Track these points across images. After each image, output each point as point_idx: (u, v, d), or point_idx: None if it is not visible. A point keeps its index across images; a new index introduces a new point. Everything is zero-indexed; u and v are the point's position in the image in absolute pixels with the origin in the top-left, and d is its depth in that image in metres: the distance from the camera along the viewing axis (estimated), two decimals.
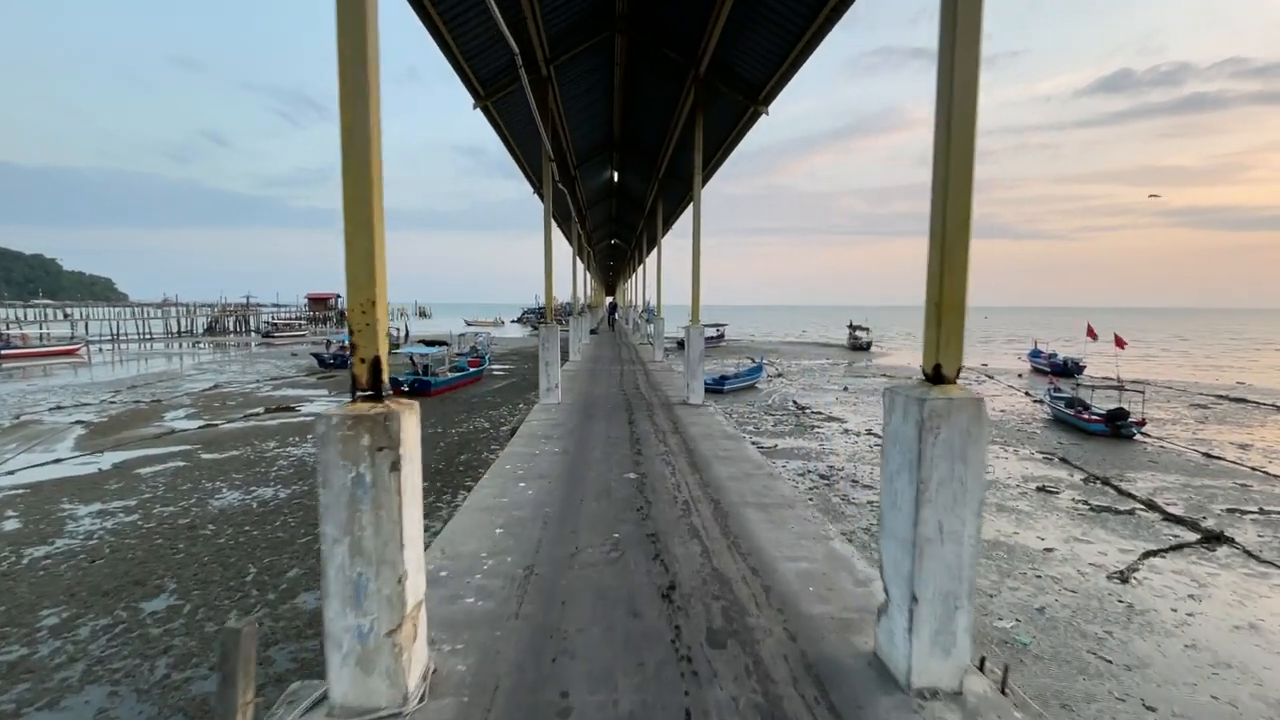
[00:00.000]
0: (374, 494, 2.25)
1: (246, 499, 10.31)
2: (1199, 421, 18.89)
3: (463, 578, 3.94)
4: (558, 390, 8.66)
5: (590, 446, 6.94)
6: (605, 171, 15.55)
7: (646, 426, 7.78)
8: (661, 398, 9.86)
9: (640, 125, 10.86)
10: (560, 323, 43.53)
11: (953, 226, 2.50)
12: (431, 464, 12.64)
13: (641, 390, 10.72)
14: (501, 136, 8.54)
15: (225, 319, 63.23)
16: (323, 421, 2.29)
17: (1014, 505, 10.64)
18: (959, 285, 2.50)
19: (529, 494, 5.52)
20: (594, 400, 9.62)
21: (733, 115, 8.04)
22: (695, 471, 6.27)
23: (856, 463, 13.44)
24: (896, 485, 2.80)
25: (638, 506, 5.39)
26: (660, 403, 9.31)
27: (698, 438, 7.17)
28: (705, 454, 6.72)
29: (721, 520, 5.03)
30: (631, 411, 8.70)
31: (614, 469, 6.29)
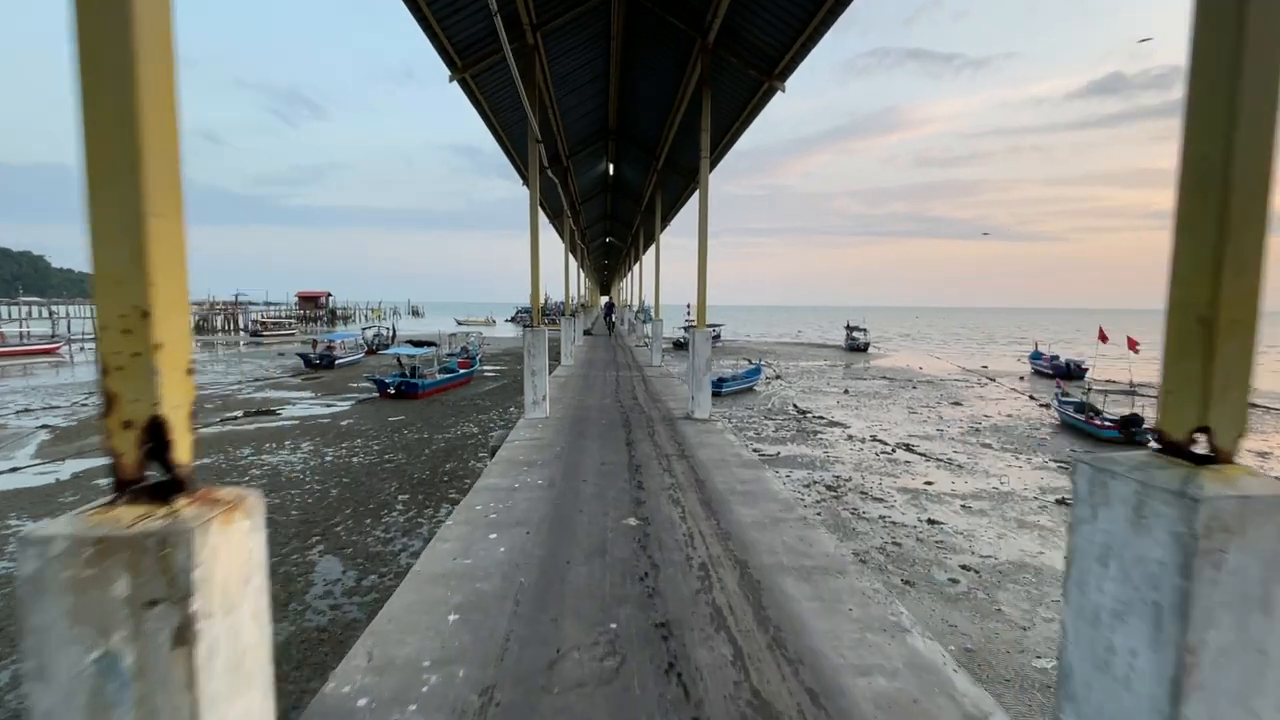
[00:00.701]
0: (138, 692, 1.12)
1: None
2: None
3: (388, 715, 2.56)
4: (545, 403, 7.63)
5: (581, 477, 5.67)
6: (600, 164, 14.76)
7: (647, 449, 6.57)
8: (662, 411, 8.78)
9: (639, 110, 10.07)
10: (552, 321, 42.73)
11: (1245, 181, 1.38)
12: (414, 474, 11.90)
13: (640, 401, 9.59)
14: (484, 116, 7.66)
15: (213, 317, 62.08)
16: (34, 550, 1.14)
17: (1034, 520, 9.99)
18: (1250, 288, 1.41)
19: (500, 552, 4.04)
20: (587, 414, 8.46)
21: (744, 92, 7.22)
22: (710, 515, 4.94)
23: (864, 472, 12.77)
24: (1117, 638, 1.51)
25: (641, 574, 3.94)
26: (661, 417, 8.19)
27: (709, 465, 5.97)
28: (720, 488, 5.47)
29: (754, 596, 3.62)
30: (629, 428, 7.58)
31: (610, 511, 4.97)
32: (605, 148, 12.89)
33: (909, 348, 50.97)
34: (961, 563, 8.25)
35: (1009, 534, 9.36)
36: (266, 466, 12.20)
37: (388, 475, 11.76)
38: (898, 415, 19.69)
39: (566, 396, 9.64)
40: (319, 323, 73.23)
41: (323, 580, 7.40)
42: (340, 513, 9.71)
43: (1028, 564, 8.26)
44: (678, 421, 7.87)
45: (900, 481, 12.17)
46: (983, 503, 10.90)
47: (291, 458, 12.94)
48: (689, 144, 10.23)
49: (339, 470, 12.05)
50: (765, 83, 6.53)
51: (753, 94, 7.03)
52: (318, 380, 25.13)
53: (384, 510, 9.86)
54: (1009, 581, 7.69)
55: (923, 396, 24.01)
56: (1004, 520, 9.99)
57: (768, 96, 6.80)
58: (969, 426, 18.02)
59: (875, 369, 34.09)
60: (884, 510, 10.43)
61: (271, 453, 13.35)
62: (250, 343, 47.36)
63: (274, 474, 11.69)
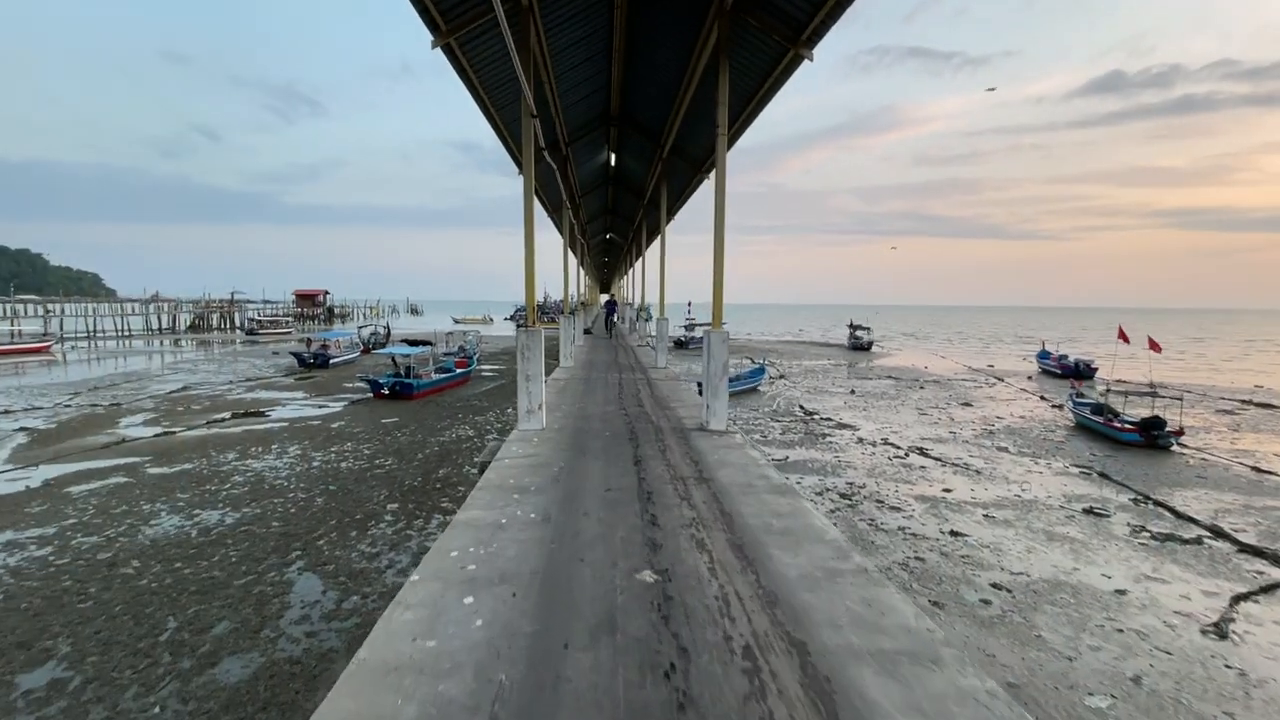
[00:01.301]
0: None
1: (186, 525, 8.92)
2: (1232, 430, 17.75)
3: None
4: (541, 412, 6.61)
5: (582, 508, 4.44)
6: (601, 153, 14.04)
7: (659, 469, 5.46)
8: (672, 420, 7.64)
9: (646, 87, 9.23)
10: (551, 319, 42.07)
11: None
12: (405, 480, 11.29)
13: (646, 408, 8.49)
14: (473, 92, 6.83)
15: (209, 315, 61.38)
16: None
17: (1064, 532, 9.39)
18: None
19: (475, 628, 2.87)
20: (588, 424, 7.32)
21: (765, 61, 6.36)
22: (746, 565, 3.60)
23: (878, 478, 12.17)
24: None
25: (665, 666, 2.65)
26: (672, 428, 7.14)
27: (733, 491, 4.85)
28: (752, 523, 4.21)
29: (825, 707, 2.40)
30: (637, 442, 6.44)
31: (619, 560, 3.65)
32: (606, 135, 12.14)
33: (913, 347, 50.35)
34: (992, 580, 7.65)
35: (1038, 547, 8.76)
36: (250, 473, 11.58)
37: (377, 482, 11.15)
38: (908, 417, 19.09)
39: (565, 403, 8.62)
40: (317, 321, 72.61)
41: (300, 602, 6.79)
42: (324, 524, 9.10)
43: (1063, 582, 7.66)
44: (691, 434, 6.83)
45: (917, 489, 11.57)
46: (1006, 512, 10.29)
47: (277, 463, 12.33)
48: (698, 128, 9.50)
49: (326, 476, 11.45)
50: (790, 51, 5.72)
51: (775, 64, 6.17)
52: (311, 380, 24.51)
53: (371, 521, 9.26)
54: (1045, 603, 7.09)
55: (931, 397, 23.40)
56: (1031, 532, 9.38)
57: (792, 67, 6.01)
58: (982, 429, 17.41)
59: (880, 368, 33.48)
60: (903, 520, 9.83)
61: (257, 457, 12.74)
62: (246, 341, 46.68)
63: (257, 481, 11.08)
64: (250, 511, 9.52)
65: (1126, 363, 38.78)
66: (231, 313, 63.72)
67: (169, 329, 55.10)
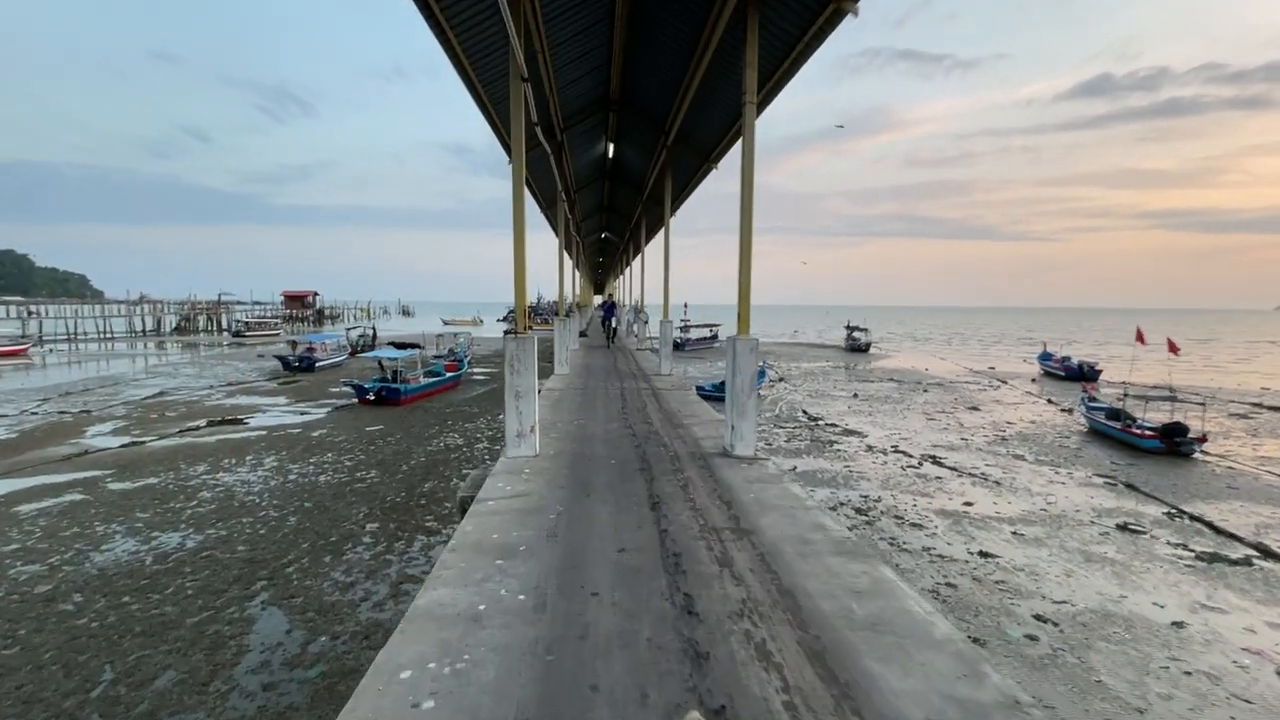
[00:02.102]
0: None
1: (142, 550, 8.07)
2: (1251, 435, 17.15)
3: None
4: (534, 436, 5.49)
5: (588, 584, 3.22)
6: (598, 144, 13.18)
7: (683, 515, 4.20)
8: (689, 442, 6.41)
9: (649, 67, 8.29)
10: (544, 321, 41.21)
11: None
12: (387, 496, 10.47)
13: (655, 426, 7.25)
14: (449, 52, 5.97)
15: (196, 317, 60.15)
16: None
17: (1101, 552, 8.68)
18: None
19: None
20: (589, 448, 6.07)
21: (800, 18, 5.56)
22: (841, 697, 2.36)
23: (893, 490, 11.44)
24: None
25: None
26: (690, 453, 5.93)
27: (786, 551, 3.59)
28: (826, 612, 2.97)
29: None
30: (651, 475, 5.20)
31: (648, 688, 2.41)
32: (605, 121, 11.26)
33: (911, 348, 49.82)
34: (1034, 611, 6.91)
35: (1077, 570, 8.04)
36: (220, 488, 10.72)
37: (357, 498, 10.32)
38: (915, 422, 18.40)
39: (562, 420, 7.51)
40: (306, 323, 71.45)
41: (260, 645, 5.97)
42: (296, 547, 8.28)
43: (1112, 612, 6.93)
44: (713, 461, 5.64)
45: (936, 502, 10.85)
46: (1035, 528, 9.58)
47: (251, 476, 11.47)
48: (708, 112, 8.64)
49: (302, 492, 10.61)
50: (831, 4, 4.97)
51: (814, 18, 5.34)
52: (295, 384, 23.59)
53: (348, 544, 8.44)
54: (1098, 638, 6.36)
55: (936, 400, 22.75)
56: (1065, 552, 8.67)
57: (833, 22, 5.18)
58: (994, 435, 16.74)
59: (880, 370, 32.85)
60: (926, 539, 9.09)
61: (229, 470, 11.87)
62: (233, 343, 45.56)
63: (226, 498, 10.22)
64: (215, 534, 8.67)
65: (1130, 365, 38.38)
66: (218, 314, 62.56)
67: (153, 331, 53.84)
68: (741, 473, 5.29)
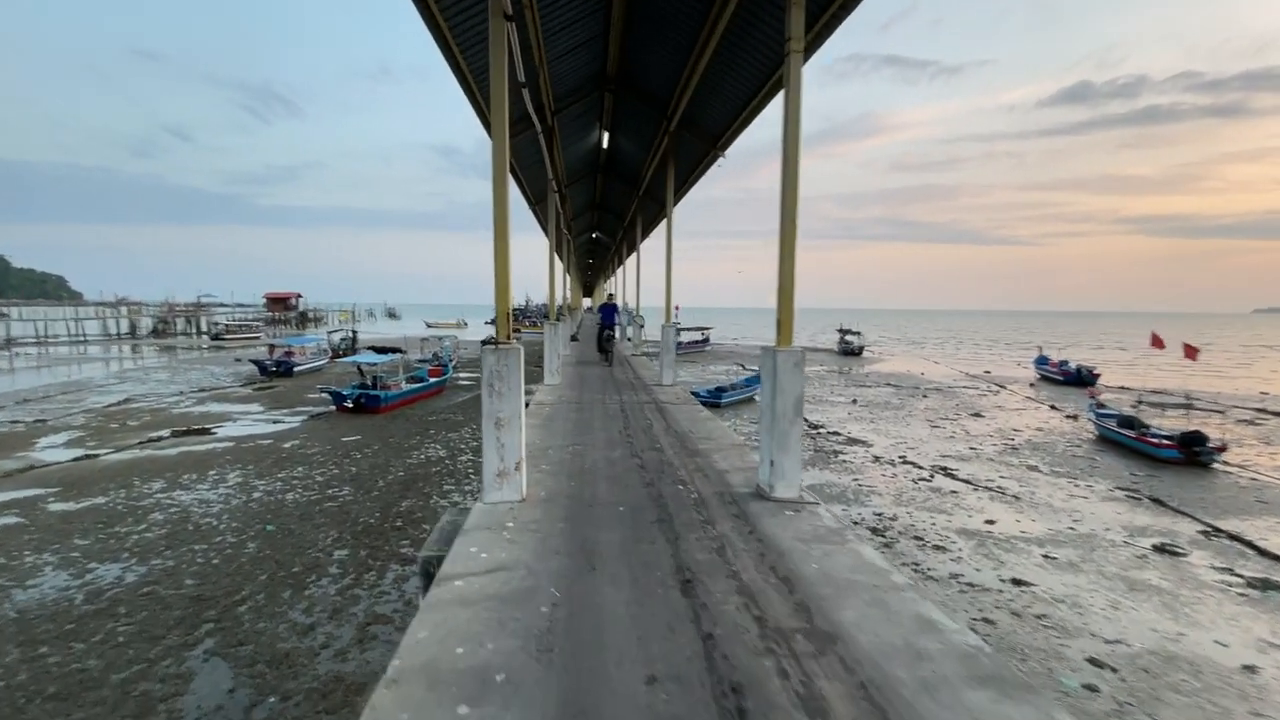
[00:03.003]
0: None
1: (73, 587, 7.09)
2: (1265, 443, 16.61)
3: None
4: (519, 475, 4.27)
5: None
6: (591, 133, 12.24)
7: (733, 609, 2.97)
8: (712, 477, 5.24)
9: (652, 38, 7.41)
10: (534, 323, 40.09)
11: None
12: (361, 515, 9.53)
13: (667, 453, 6.02)
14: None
15: (173, 319, 58.48)
16: None
17: (1144, 578, 7.94)
18: None
19: None
20: (589, 488, 4.84)
21: None
22: None
23: (908, 507, 10.68)
24: None
25: None
26: (717, 493, 4.76)
27: (898, 675, 2.44)
28: None
29: None
30: (673, 531, 3.96)
31: None
32: (600, 104, 10.31)
33: (904, 352, 49.39)
34: (1087, 654, 6.14)
35: (1123, 601, 7.29)
36: (174, 509, 9.73)
37: (326, 520, 9.37)
38: (920, 430, 17.69)
39: (554, 445, 6.29)
40: (289, 325, 69.92)
41: (196, 708, 5.04)
42: (252, 580, 7.33)
43: (1173, 653, 6.18)
44: (749, 506, 4.42)
45: (955, 520, 10.09)
46: (1066, 550, 8.84)
47: (211, 494, 10.48)
48: (722, 88, 7.69)
49: (266, 512, 9.64)
50: None
51: None
52: (271, 390, 22.49)
53: (311, 575, 7.50)
54: (1166, 688, 5.59)
55: (938, 407, 22.10)
56: (1105, 578, 7.92)
57: None
58: (1003, 444, 16.06)
59: (876, 375, 32.23)
60: (951, 564, 8.32)
61: (188, 487, 10.86)
62: (211, 347, 44.13)
63: (180, 520, 9.23)
64: (160, 564, 7.70)
65: (1128, 370, 38.11)
66: (197, 317, 60.92)
67: (128, 334, 52.18)
68: (790, 525, 4.06)
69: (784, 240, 4.47)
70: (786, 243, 4.44)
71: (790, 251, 4.45)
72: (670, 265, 10.63)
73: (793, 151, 4.22)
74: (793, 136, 4.16)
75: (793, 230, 4.39)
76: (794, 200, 4.36)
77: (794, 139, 4.18)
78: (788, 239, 4.44)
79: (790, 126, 4.14)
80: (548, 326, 11.59)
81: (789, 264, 4.49)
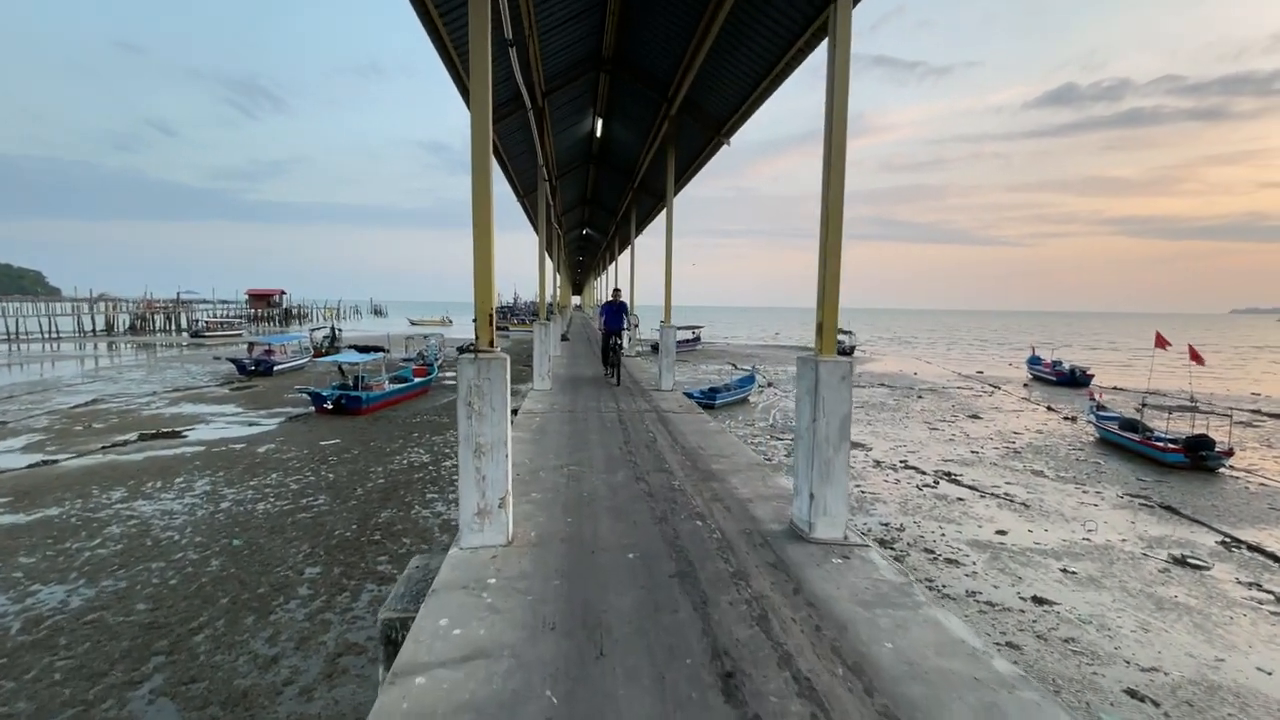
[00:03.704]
0: None
1: (10, 613, 6.39)
2: (1266, 445, 16.37)
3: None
4: (504, 514, 3.55)
5: None
6: (584, 119, 11.57)
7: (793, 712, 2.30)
8: (734, 508, 4.51)
9: (654, 11, 6.85)
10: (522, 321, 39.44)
11: None
12: (336, 527, 8.89)
13: (677, 476, 5.32)
14: None
15: (152, 316, 57.04)
16: None
17: (1170, 596, 7.50)
18: None
19: None
20: (590, 526, 4.06)
21: None
22: None
23: (915, 516, 10.21)
24: None
25: None
26: (744, 531, 4.05)
27: None
28: None
29: None
30: (699, 590, 3.21)
31: None
32: (594, 87, 9.64)
33: (895, 352, 49.22)
34: (1124, 684, 5.67)
35: (1153, 622, 6.84)
36: (133, 521, 9.03)
37: (299, 533, 8.73)
38: (919, 433, 17.28)
39: (546, 465, 5.53)
40: (272, 323, 68.61)
41: None
42: (212, 604, 6.69)
43: (1215, 683, 5.72)
44: (787, 552, 3.68)
45: (965, 530, 9.63)
46: (1085, 564, 8.40)
47: (175, 505, 9.78)
48: (729, 67, 7.11)
49: (234, 524, 8.97)
50: None
51: None
52: (249, 390, 21.67)
53: (279, 597, 6.87)
54: None
55: (934, 408, 21.74)
56: (1130, 596, 7.48)
57: None
58: (1004, 447, 15.68)
59: (869, 375, 31.89)
60: (967, 580, 7.84)
61: (151, 496, 10.16)
62: (191, 344, 43.00)
63: (139, 534, 8.55)
64: (111, 586, 7.03)
65: (1122, 371, 38.16)
66: (177, 313, 59.51)
67: (104, 331, 50.77)
68: (843, 580, 3.29)
69: (827, 229, 3.75)
70: (831, 233, 3.75)
71: (835, 244, 3.76)
72: (670, 260, 10.01)
73: (839, 124, 3.56)
74: (839, 105, 3.52)
75: (838, 219, 3.73)
76: (840, 183, 3.69)
77: (840, 109, 3.53)
78: (833, 229, 3.74)
79: (837, 94, 3.50)
80: (538, 326, 10.98)
81: (834, 260, 3.78)
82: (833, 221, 3.69)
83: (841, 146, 3.64)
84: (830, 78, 3.58)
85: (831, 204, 3.66)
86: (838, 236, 3.75)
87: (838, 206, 3.68)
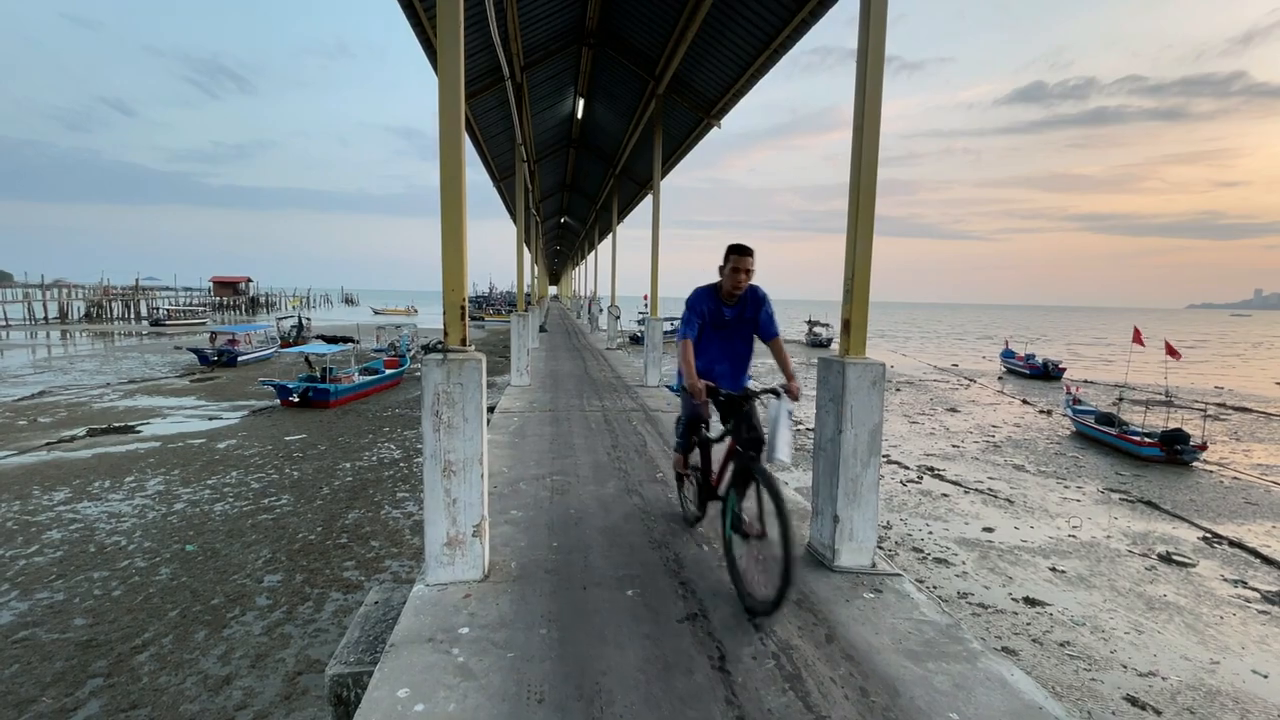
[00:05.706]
0: None
1: None
2: (1234, 439, 16.68)
3: None
4: (478, 544, 3.00)
5: None
6: (564, 99, 11.01)
7: None
8: None
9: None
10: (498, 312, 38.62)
11: None
12: (300, 530, 8.37)
13: (671, 489, 4.79)
14: None
15: (109, 303, 54.78)
16: None
17: (1160, 595, 7.42)
18: None
19: None
20: (578, 554, 3.50)
21: None
22: None
23: (901, 513, 10.06)
24: None
25: None
26: None
27: None
28: None
29: None
30: (716, 644, 2.59)
31: None
32: (576, 63, 9.12)
33: (871, 345, 49.58)
34: (1123, 689, 5.51)
35: (1145, 623, 6.73)
36: (76, 525, 8.39)
37: (259, 536, 8.19)
38: (899, 426, 17.23)
39: (526, 476, 5.01)
40: (238, 311, 66.57)
41: None
42: (160, 617, 6.16)
43: (1213, 688, 5.60)
44: (810, 584, 3.16)
45: (952, 528, 9.49)
46: (1073, 562, 8.30)
47: (124, 506, 9.14)
48: (723, 40, 6.79)
49: (188, 527, 8.39)
50: None
51: None
52: (211, 382, 20.74)
53: (234, 609, 6.37)
54: None
55: (912, 401, 21.79)
56: (1120, 595, 7.38)
57: None
58: (984, 441, 15.70)
59: None
60: (957, 580, 7.67)
61: (98, 497, 9.49)
62: (150, 333, 41.34)
63: (82, 539, 7.92)
64: (47, 598, 6.45)
65: (1098, 365, 38.90)
66: (136, 300, 57.25)
67: (57, 319, 48.60)
68: (881, 622, 2.79)
69: (857, 213, 3.23)
70: (863, 220, 3.22)
71: (867, 232, 3.23)
72: (656, 248, 9.55)
73: (874, 92, 3.03)
74: (874, 76, 3.01)
75: (870, 203, 3.22)
76: (873, 156, 3.19)
77: (875, 79, 3.00)
78: (865, 214, 3.22)
79: (871, 65, 3.02)
80: (515, 317, 10.51)
81: (865, 249, 3.24)
82: (864, 198, 3.19)
83: (876, 115, 3.08)
84: (861, 54, 3.11)
85: (864, 171, 3.16)
86: (867, 247, 3.26)
87: (870, 177, 3.20)
